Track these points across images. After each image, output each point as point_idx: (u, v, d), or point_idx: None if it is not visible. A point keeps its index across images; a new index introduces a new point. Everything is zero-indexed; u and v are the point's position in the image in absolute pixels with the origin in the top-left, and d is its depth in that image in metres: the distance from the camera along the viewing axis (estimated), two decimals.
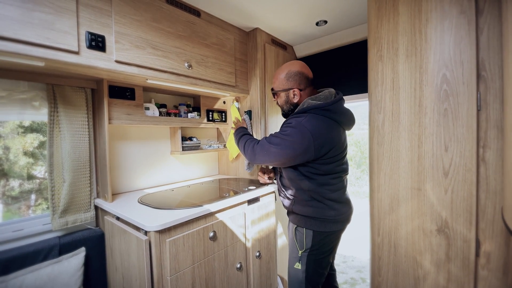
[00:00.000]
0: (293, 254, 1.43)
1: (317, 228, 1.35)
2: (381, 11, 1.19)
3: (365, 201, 6.07)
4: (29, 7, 0.99)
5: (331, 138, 1.29)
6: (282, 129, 1.35)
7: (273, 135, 1.34)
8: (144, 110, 1.70)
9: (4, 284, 1.15)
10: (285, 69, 1.44)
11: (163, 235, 1.15)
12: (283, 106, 1.48)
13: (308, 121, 1.26)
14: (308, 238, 1.36)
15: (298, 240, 1.40)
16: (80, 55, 1.14)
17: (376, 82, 1.23)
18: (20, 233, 1.32)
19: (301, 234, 1.39)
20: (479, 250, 0.99)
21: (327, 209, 1.35)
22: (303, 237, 1.38)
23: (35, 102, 1.35)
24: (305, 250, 1.37)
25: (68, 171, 1.40)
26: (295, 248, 1.42)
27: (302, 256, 1.38)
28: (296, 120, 1.29)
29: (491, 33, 0.94)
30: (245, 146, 1.47)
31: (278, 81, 1.45)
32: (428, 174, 1.09)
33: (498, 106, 0.94)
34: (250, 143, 1.44)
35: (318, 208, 1.35)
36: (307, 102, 1.35)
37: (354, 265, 3.12)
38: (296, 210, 1.41)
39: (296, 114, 1.35)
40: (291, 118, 1.35)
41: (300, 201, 1.39)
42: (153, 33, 1.40)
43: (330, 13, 1.81)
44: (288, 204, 1.45)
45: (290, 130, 1.27)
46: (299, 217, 1.41)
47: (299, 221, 1.40)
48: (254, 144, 1.41)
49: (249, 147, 1.43)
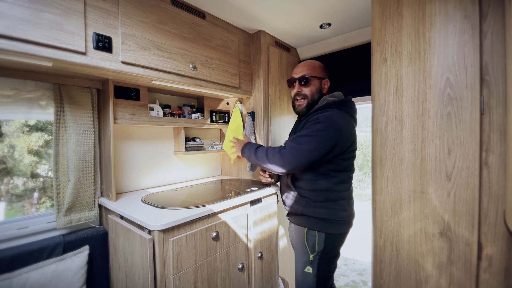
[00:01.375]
0: (303, 258, 1.39)
1: (329, 230, 1.35)
2: (385, 15, 1.20)
3: (367, 203, 6.06)
4: (38, 8, 1.01)
5: (353, 132, 1.35)
6: (309, 127, 1.30)
7: (300, 136, 1.30)
8: (149, 110, 1.72)
9: (9, 281, 1.16)
10: (315, 62, 1.50)
11: (166, 235, 1.16)
12: (313, 95, 1.44)
13: (336, 115, 1.29)
14: (320, 241, 1.35)
15: (309, 243, 1.37)
16: (87, 56, 1.15)
17: (379, 85, 1.23)
18: (25, 231, 1.34)
19: (313, 237, 1.36)
20: (481, 254, 0.99)
21: (339, 210, 1.36)
22: (315, 240, 1.35)
23: (42, 102, 1.37)
24: (316, 254, 1.35)
25: (73, 170, 1.41)
26: (305, 252, 1.38)
27: (314, 260, 1.35)
28: (323, 115, 1.30)
29: (495, 37, 0.95)
30: (268, 157, 1.35)
31: (312, 68, 1.46)
32: (431, 177, 1.09)
33: (501, 110, 0.94)
34: (274, 152, 1.33)
35: (331, 209, 1.35)
36: (326, 99, 1.40)
37: (355, 268, 3.11)
38: (307, 212, 1.38)
39: (318, 111, 1.36)
40: (316, 115, 1.34)
41: (312, 203, 1.37)
42: (158, 34, 1.41)
43: (334, 15, 1.82)
44: (298, 206, 1.42)
45: (320, 125, 1.26)
46: (310, 219, 1.38)
47: (311, 224, 1.37)
48: (279, 151, 1.31)
49: (274, 156, 1.32)
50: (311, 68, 1.46)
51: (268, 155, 1.35)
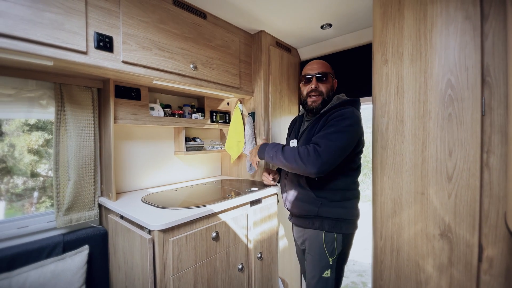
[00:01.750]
0: (322, 263, 1.32)
1: (346, 230, 1.32)
2: (386, 15, 1.20)
3: (367, 204, 6.05)
4: (39, 7, 1.01)
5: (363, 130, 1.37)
6: (334, 123, 1.26)
7: (330, 133, 1.23)
8: (149, 110, 1.72)
9: (8, 280, 1.16)
10: (323, 61, 1.50)
11: (166, 235, 1.16)
12: (328, 92, 1.44)
13: (357, 111, 1.34)
14: (339, 243, 1.31)
15: (328, 246, 1.31)
16: (88, 55, 1.16)
17: (380, 86, 1.23)
18: (25, 230, 1.34)
19: (331, 239, 1.31)
20: (481, 255, 0.99)
21: (353, 209, 1.36)
22: (334, 242, 1.31)
23: (43, 101, 1.37)
24: (335, 257, 1.30)
25: (73, 169, 1.41)
26: (324, 256, 1.31)
27: (333, 263, 1.30)
28: (347, 111, 1.30)
29: (496, 38, 0.95)
30: (301, 156, 1.22)
31: (327, 67, 1.48)
32: (432, 179, 1.09)
33: (503, 112, 0.94)
34: (308, 151, 1.22)
35: (347, 208, 1.34)
36: (339, 98, 1.43)
37: (355, 269, 3.11)
38: (324, 213, 1.33)
39: (337, 108, 1.36)
40: (338, 111, 1.31)
41: (329, 203, 1.32)
42: (159, 34, 1.41)
43: (335, 16, 1.82)
44: (313, 207, 1.35)
45: (348, 121, 1.26)
46: (327, 220, 1.33)
47: (329, 226, 1.32)
48: (314, 150, 1.20)
49: (309, 155, 1.20)
50: (325, 66, 1.47)
51: (300, 154, 1.22)
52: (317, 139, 1.25)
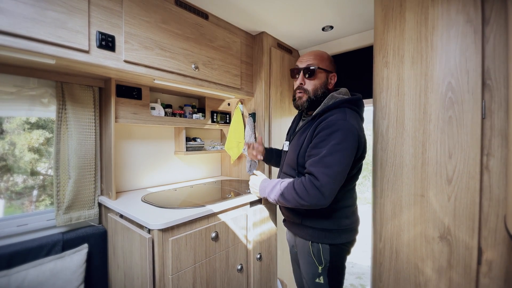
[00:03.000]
0: (312, 270, 1.26)
1: (333, 240, 1.22)
2: (387, 18, 1.20)
3: (367, 207, 6.04)
4: (42, 5, 1.01)
5: (364, 134, 1.21)
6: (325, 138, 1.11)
7: (324, 156, 1.08)
8: (150, 110, 1.72)
9: (7, 278, 1.16)
10: (324, 52, 1.30)
11: (166, 234, 1.16)
12: (316, 90, 1.25)
13: (350, 117, 1.13)
14: (325, 252, 1.22)
15: (316, 256, 1.24)
16: (90, 54, 1.16)
17: (381, 88, 1.24)
18: (24, 228, 1.34)
19: (317, 249, 1.23)
20: (481, 258, 0.99)
21: (343, 219, 1.23)
22: (320, 252, 1.23)
23: (44, 99, 1.37)
24: (324, 265, 1.23)
25: (73, 168, 1.41)
26: (312, 264, 1.25)
27: (323, 271, 1.23)
28: (336, 120, 1.12)
29: (497, 42, 0.95)
30: (301, 196, 1.09)
31: (320, 59, 1.26)
32: (432, 181, 1.09)
33: (503, 115, 0.94)
34: (306, 188, 1.09)
35: (335, 218, 1.22)
36: (333, 97, 1.23)
37: (353, 272, 3.10)
38: (307, 222, 1.25)
39: (329, 111, 1.20)
40: (327, 120, 1.14)
41: (312, 213, 1.23)
42: (161, 34, 1.42)
43: (337, 18, 1.82)
44: (296, 216, 1.29)
45: (340, 134, 1.08)
46: (311, 230, 1.24)
47: (313, 236, 1.24)
48: (312, 186, 1.07)
49: (309, 192, 1.07)
50: (318, 58, 1.26)
51: (299, 194, 1.10)
52: (311, 168, 1.11)
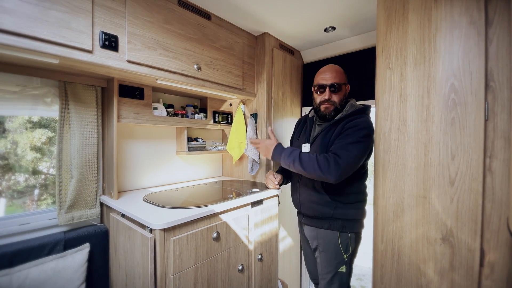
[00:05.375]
0: (337, 260, 1.45)
1: (357, 229, 1.48)
2: (390, 19, 1.20)
3: (369, 208, 6.02)
4: (46, 5, 1.02)
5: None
6: (351, 133, 1.35)
7: (348, 143, 1.32)
8: (152, 110, 1.72)
9: (9, 277, 1.16)
10: (340, 67, 1.52)
11: (167, 234, 1.16)
12: (341, 101, 1.48)
13: (370, 120, 1.43)
14: (352, 241, 1.46)
15: (343, 245, 1.45)
16: (94, 54, 1.16)
17: (383, 89, 1.23)
18: (26, 227, 1.34)
19: (346, 238, 1.45)
20: (483, 260, 0.99)
21: (363, 210, 1.50)
22: (348, 241, 1.45)
23: (47, 99, 1.38)
24: (350, 253, 1.46)
25: (76, 167, 1.42)
26: (339, 254, 1.45)
27: (347, 259, 1.45)
28: (362, 121, 1.38)
29: (500, 43, 0.95)
30: (321, 166, 1.30)
31: (341, 75, 1.49)
32: (434, 183, 1.09)
33: (506, 117, 0.94)
34: (327, 161, 1.30)
35: (359, 209, 1.47)
36: (352, 105, 1.48)
37: (354, 273, 3.09)
38: (338, 215, 1.44)
39: (351, 116, 1.43)
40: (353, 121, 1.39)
41: (343, 205, 1.44)
42: (164, 34, 1.42)
43: (339, 19, 1.82)
44: (328, 209, 1.45)
45: (365, 131, 1.35)
46: (341, 221, 1.45)
47: (343, 226, 1.45)
48: (334, 160, 1.29)
49: (329, 165, 1.29)
50: (340, 75, 1.48)
51: (320, 163, 1.30)
52: (336, 149, 1.33)
